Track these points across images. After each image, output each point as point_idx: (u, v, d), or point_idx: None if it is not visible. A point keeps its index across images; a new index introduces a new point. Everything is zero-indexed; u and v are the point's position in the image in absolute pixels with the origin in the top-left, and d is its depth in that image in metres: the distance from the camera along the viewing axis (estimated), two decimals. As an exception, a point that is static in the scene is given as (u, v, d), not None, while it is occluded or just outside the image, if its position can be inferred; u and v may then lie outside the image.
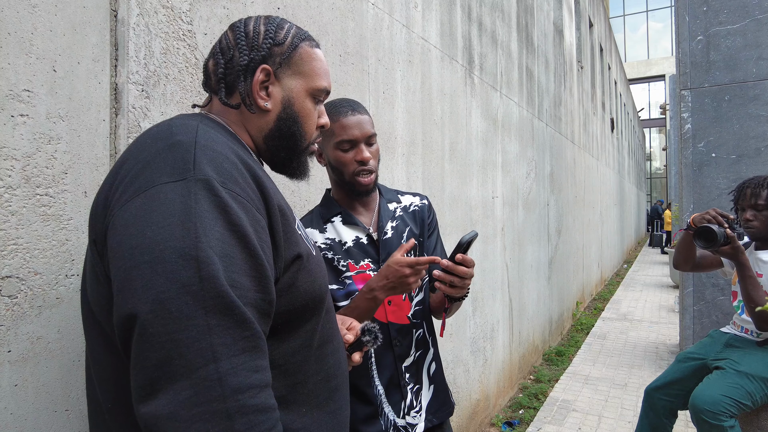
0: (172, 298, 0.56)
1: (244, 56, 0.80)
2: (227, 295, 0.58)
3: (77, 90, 1.02)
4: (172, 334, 0.56)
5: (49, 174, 0.97)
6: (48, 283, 0.97)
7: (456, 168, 2.84)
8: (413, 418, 1.29)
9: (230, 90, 0.82)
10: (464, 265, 1.15)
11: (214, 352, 0.56)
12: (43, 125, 0.96)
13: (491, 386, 3.31)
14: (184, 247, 0.58)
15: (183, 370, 0.55)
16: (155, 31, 1.19)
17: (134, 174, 0.65)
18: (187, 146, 0.66)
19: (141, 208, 0.61)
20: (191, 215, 0.60)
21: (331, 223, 1.31)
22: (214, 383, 0.56)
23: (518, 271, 3.94)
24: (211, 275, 0.58)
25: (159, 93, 1.20)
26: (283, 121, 0.83)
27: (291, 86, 0.83)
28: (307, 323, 0.77)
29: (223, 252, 0.60)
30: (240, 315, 0.59)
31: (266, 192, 0.71)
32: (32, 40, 0.94)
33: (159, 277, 0.57)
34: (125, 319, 0.58)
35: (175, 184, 0.62)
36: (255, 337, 0.61)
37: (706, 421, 1.88)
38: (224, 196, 0.63)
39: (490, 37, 3.41)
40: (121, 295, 0.59)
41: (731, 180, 3.80)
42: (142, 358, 0.56)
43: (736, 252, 1.92)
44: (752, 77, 3.78)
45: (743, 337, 2.12)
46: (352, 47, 1.95)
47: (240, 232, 0.63)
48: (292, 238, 0.74)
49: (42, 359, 0.96)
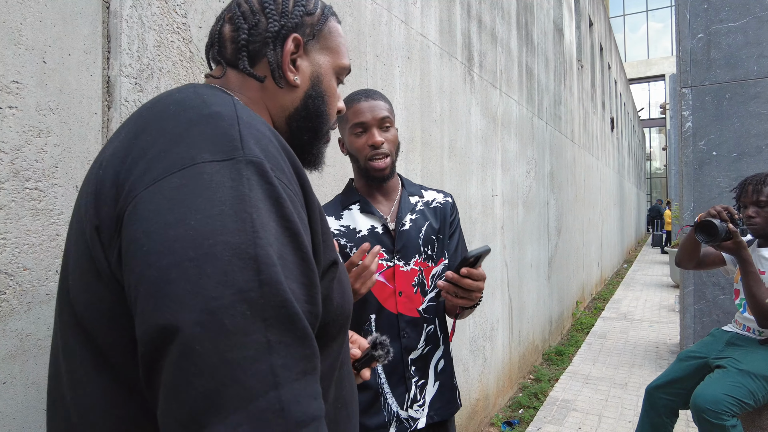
0: (226, 306, 0.44)
1: (274, 22, 0.69)
2: (291, 305, 0.47)
3: (68, 82, 1.00)
4: (224, 353, 0.44)
5: (39, 167, 0.95)
6: (37, 279, 0.95)
7: (455, 166, 2.82)
8: (416, 412, 1.28)
9: (253, 60, 0.70)
10: (471, 278, 1.12)
11: (276, 376, 0.45)
12: (33, 118, 0.94)
13: (491, 386, 3.30)
14: (240, 243, 0.47)
15: (238, 400, 0.43)
16: (148, 23, 1.17)
17: (162, 148, 0.52)
18: (230, 120, 0.54)
19: (179, 190, 0.49)
20: (246, 204, 0.48)
21: (348, 210, 1.31)
22: (276, 414, 0.44)
23: (518, 271, 3.93)
24: (274, 279, 0.47)
25: (153, 86, 1.18)
26: (312, 99, 0.73)
27: (320, 61, 0.74)
28: (334, 342, 0.65)
29: (279, 252, 0.49)
30: (302, 329, 0.48)
31: (307, 186, 0.60)
32: (21, 30, 0.92)
33: (209, 279, 0.45)
34: (159, 333, 0.45)
35: (222, 164, 0.50)
36: (314, 355, 0.49)
37: (708, 421, 1.86)
38: (277, 185, 0.52)
39: (490, 34, 3.39)
40: (152, 302, 0.46)
41: (732, 178, 3.78)
42: (183, 384, 0.44)
43: (738, 247, 1.91)
44: (753, 75, 3.76)
45: (745, 336, 2.10)
46: (350, 43, 1.93)
47: (292, 230, 0.52)
48: (330, 242, 0.63)
49: (31, 356, 0.94)
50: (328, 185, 1.81)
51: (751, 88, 3.76)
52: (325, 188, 1.79)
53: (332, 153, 1.84)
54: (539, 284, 4.57)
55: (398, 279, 1.28)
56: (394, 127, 1.30)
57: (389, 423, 1.25)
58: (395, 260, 1.28)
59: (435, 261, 1.35)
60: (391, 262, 1.28)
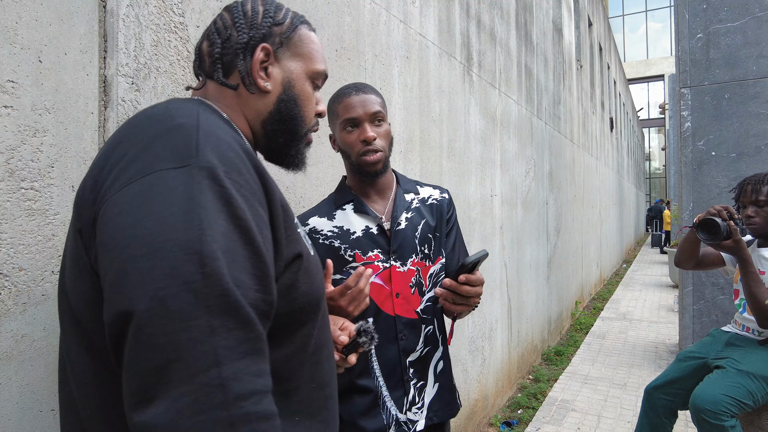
0: (173, 295, 0.52)
1: (243, 34, 0.76)
2: (232, 294, 0.54)
3: (64, 81, 1.00)
4: (171, 335, 0.51)
5: (34, 167, 0.95)
6: (33, 279, 0.94)
7: (454, 166, 2.82)
8: (414, 414, 1.26)
9: (227, 71, 0.78)
10: (469, 284, 1.11)
11: (217, 356, 0.52)
12: (29, 117, 0.94)
13: (490, 386, 3.29)
14: (187, 240, 0.54)
15: (183, 375, 0.50)
16: (146, 22, 1.17)
17: (130, 158, 0.60)
18: (190, 130, 0.62)
19: (138, 195, 0.57)
20: (195, 205, 0.55)
21: (342, 210, 1.28)
22: (216, 389, 0.51)
23: (517, 271, 3.92)
24: (216, 272, 0.54)
25: (150, 86, 1.17)
26: (284, 102, 0.80)
27: (291, 68, 0.80)
28: (303, 327, 0.72)
29: (227, 247, 0.56)
30: (244, 315, 0.55)
31: (269, 185, 0.66)
32: (17, 29, 0.92)
33: (158, 271, 0.52)
34: (119, 317, 0.53)
35: (177, 171, 0.57)
36: (258, 339, 0.56)
37: (707, 421, 1.85)
38: (229, 186, 0.59)
39: (489, 34, 3.39)
40: (115, 291, 0.54)
41: (731, 178, 3.78)
42: (137, 361, 0.51)
43: (738, 246, 1.90)
44: (752, 75, 3.76)
45: (744, 336, 2.09)
46: (348, 42, 1.92)
47: (243, 227, 0.58)
48: (293, 236, 0.70)
49: (27, 358, 0.93)
50: (326, 185, 1.80)
51: (750, 88, 3.76)
52: (323, 188, 1.79)
53: (330, 152, 1.83)
54: (538, 284, 4.57)
55: (395, 280, 1.25)
56: (386, 122, 1.26)
57: (388, 427, 1.23)
58: (391, 261, 1.25)
59: (432, 260, 1.31)
60: (387, 263, 1.25)
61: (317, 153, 1.76)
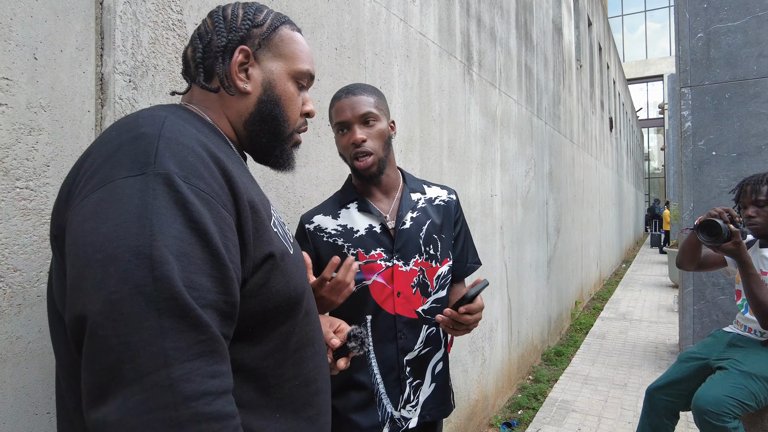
0: (124, 299, 0.53)
1: (221, 38, 0.78)
2: (181, 297, 0.55)
3: (60, 79, 0.98)
4: (122, 336, 0.53)
5: (29, 166, 0.93)
6: (28, 280, 0.93)
7: (454, 165, 2.80)
8: (408, 412, 1.28)
9: (209, 74, 0.79)
10: (469, 314, 1.14)
11: (167, 357, 0.53)
12: (24, 115, 0.92)
13: (490, 386, 3.28)
14: (139, 246, 0.55)
15: (133, 375, 0.52)
16: (143, 20, 1.15)
17: (95, 168, 0.62)
18: (150, 138, 0.63)
19: (98, 203, 0.59)
20: (147, 211, 0.57)
21: (346, 209, 1.30)
22: (166, 389, 0.52)
23: (517, 271, 3.91)
24: (165, 276, 0.55)
25: (147, 84, 1.16)
26: (264, 104, 0.80)
27: (272, 68, 0.81)
28: (281, 326, 0.73)
29: (181, 251, 0.57)
30: (195, 318, 0.56)
31: (235, 187, 0.67)
32: (11, 26, 0.90)
33: (111, 276, 0.54)
34: (76, 320, 0.55)
35: (135, 179, 0.59)
36: (212, 341, 0.57)
37: (710, 422, 1.84)
38: (185, 191, 0.60)
39: (489, 33, 3.38)
40: (73, 295, 0.57)
41: (732, 178, 3.77)
42: (91, 361, 0.54)
43: (738, 248, 1.89)
44: (753, 75, 3.75)
45: (747, 337, 2.08)
46: (348, 41, 1.91)
47: (200, 230, 0.59)
48: (265, 236, 0.70)
49: (22, 360, 0.91)
50: (326, 184, 1.79)
51: (751, 88, 3.75)
52: (323, 188, 1.77)
53: (330, 152, 1.82)
54: (538, 284, 4.56)
55: (397, 279, 1.26)
56: (381, 121, 1.24)
57: (383, 423, 1.25)
58: (394, 260, 1.25)
59: (439, 261, 1.32)
60: (390, 262, 1.25)
61: (317, 153, 1.74)
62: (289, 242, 0.78)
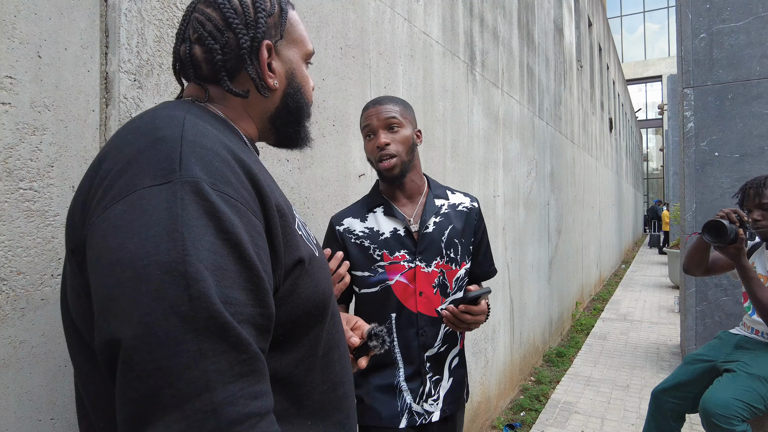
0: (159, 320, 0.50)
1: (244, 37, 0.71)
2: (221, 316, 0.52)
3: (64, 78, 0.96)
4: (159, 361, 0.49)
5: (33, 167, 0.91)
6: (32, 283, 0.90)
7: (458, 166, 2.79)
8: (430, 406, 1.35)
9: (231, 76, 0.74)
10: (470, 314, 1.23)
11: (208, 381, 0.50)
12: (27, 114, 0.90)
13: (492, 388, 3.26)
14: (171, 262, 0.51)
15: (173, 402, 0.49)
16: (148, 17, 1.13)
17: (114, 176, 0.58)
18: (173, 143, 0.58)
19: (121, 216, 0.54)
20: (177, 224, 0.53)
21: (373, 213, 1.38)
22: (208, 415, 0.49)
23: (519, 272, 3.89)
24: (202, 293, 0.51)
25: (152, 83, 1.14)
26: (290, 96, 0.78)
27: (290, 57, 0.78)
28: (311, 331, 0.71)
29: (215, 264, 0.53)
30: (235, 337, 0.52)
31: (263, 191, 0.63)
32: (15, 23, 0.88)
33: (143, 296, 0.50)
34: (108, 345, 0.51)
35: (160, 188, 0.55)
36: (253, 360, 0.54)
37: (718, 425, 1.83)
38: (215, 200, 0.56)
39: (492, 33, 3.36)
40: (102, 318, 0.52)
41: (734, 179, 3.76)
42: (127, 388, 0.50)
43: (739, 253, 1.89)
44: (756, 75, 3.74)
45: (754, 339, 2.07)
46: (353, 40, 1.89)
47: (233, 241, 0.56)
48: (293, 241, 0.67)
49: (25, 365, 0.89)
50: (331, 185, 1.77)
51: (754, 89, 3.74)
52: (329, 188, 1.76)
53: (336, 153, 1.80)
54: (540, 285, 4.55)
55: (419, 280, 1.33)
56: (405, 128, 1.34)
57: (402, 413, 1.32)
58: (417, 261, 1.33)
59: (458, 264, 1.39)
60: (413, 263, 1.33)
61: (322, 153, 1.73)
62: (313, 244, 0.75)
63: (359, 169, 1.92)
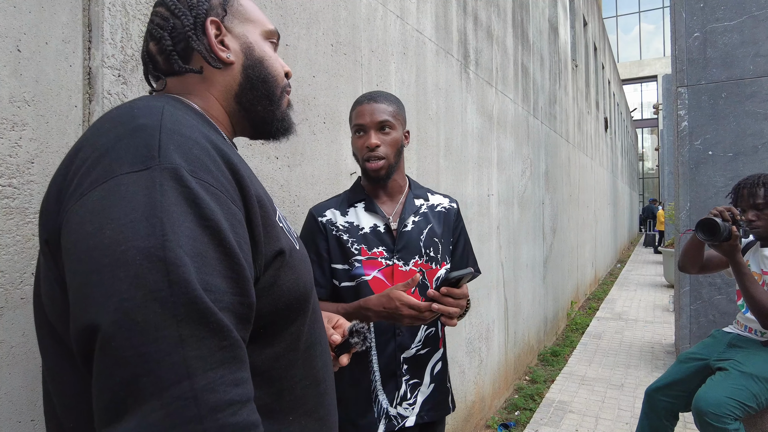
0: (138, 306, 0.49)
1: (186, 18, 0.74)
2: (201, 301, 0.51)
3: (45, 72, 0.94)
4: (139, 347, 0.48)
5: (12, 163, 0.89)
6: (11, 282, 0.89)
7: (451, 164, 2.78)
8: (405, 410, 1.32)
9: (185, 58, 0.75)
10: (452, 297, 1.16)
11: (188, 367, 0.49)
12: (6, 110, 0.88)
13: (486, 387, 3.25)
14: (150, 247, 0.50)
15: (153, 389, 0.48)
16: (133, 12, 1.11)
17: (91, 163, 0.57)
18: (152, 130, 0.58)
19: (99, 202, 0.53)
20: (157, 209, 0.52)
21: (354, 208, 1.37)
22: (189, 402, 0.48)
23: (513, 271, 3.89)
24: (182, 278, 0.50)
25: (137, 79, 1.12)
26: (250, 68, 0.77)
27: (245, 32, 0.78)
28: (291, 325, 0.70)
29: (195, 251, 0.53)
30: (216, 323, 0.52)
31: (243, 181, 0.63)
32: (-7, 16, 0.86)
33: (121, 282, 0.49)
34: (84, 332, 0.50)
35: (138, 174, 0.54)
36: (234, 346, 0.53)
37: (710, 424, 1.82)
38: (194, 186, 0.55)
39: (486, 31, 3.35)
40: (79, 304, 0.51)
41: (728, 178, 3.76)
42: (104, 376, 0.49)
43: (734, 250, 1.88)
44: (749, 74, 3.74)
45: (747, 337, 2.07)
46: (344, 37, 1.87)
47: (214, 228, 0.55)
48: (273, 232, 0.67)
49: (4, 365, 0.88)
50: (321, 183, 1.75)
51: (747, 88, 3.75)
52: (319, 186, 1.74)
53: (326, 150, 1.78)
54: (535, 284, 4.54)
55: (396, 278, 1.31)
56: (396, 130, 1.33)
57: (378, 420, 1.29)
58: (395, 259, 1.32)
59: (438, 263, 1.38)
60: (391, 260, 1.32)
61: (312, 150, 1.71)
62: (294, 237, 0.75)
63: (350, 167, 1.91)
